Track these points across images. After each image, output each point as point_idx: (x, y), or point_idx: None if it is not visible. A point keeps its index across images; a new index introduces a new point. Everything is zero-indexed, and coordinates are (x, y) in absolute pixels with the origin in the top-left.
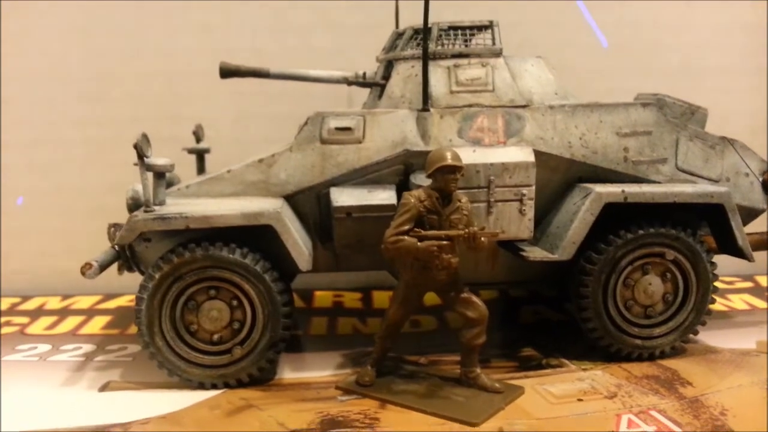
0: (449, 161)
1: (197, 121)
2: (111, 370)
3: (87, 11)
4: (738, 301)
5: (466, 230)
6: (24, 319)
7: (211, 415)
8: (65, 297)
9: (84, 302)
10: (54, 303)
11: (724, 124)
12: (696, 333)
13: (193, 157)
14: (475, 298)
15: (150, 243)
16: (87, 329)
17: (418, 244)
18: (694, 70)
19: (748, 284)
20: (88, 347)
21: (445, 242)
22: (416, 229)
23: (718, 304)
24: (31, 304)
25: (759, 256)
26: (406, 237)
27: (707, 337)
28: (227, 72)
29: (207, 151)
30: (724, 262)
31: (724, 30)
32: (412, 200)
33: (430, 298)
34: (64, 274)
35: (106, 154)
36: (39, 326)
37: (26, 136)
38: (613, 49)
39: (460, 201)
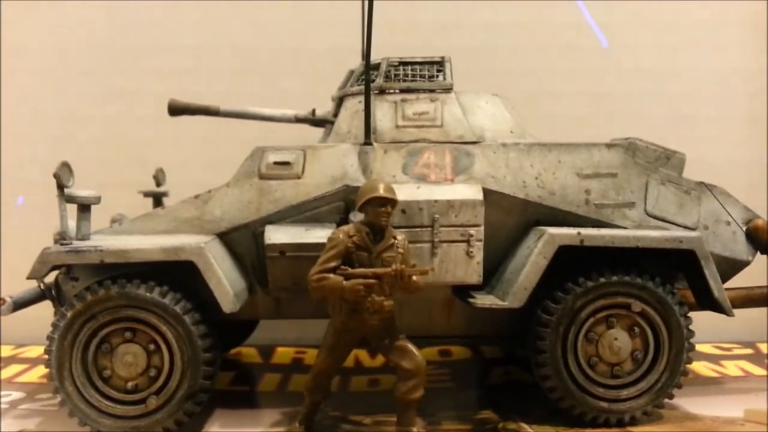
0: (380, 193)
1: (163, 166)
2: (30, 419)
3: (57, 54)
4: (732, 368)
5: (393, 267)
6: None
7: None
8: (19, 346)
9: (36, 351)
10: (6, 351)
11: (719, 175)
12: (671, 397)
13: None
14: (411, 347)
15: (77, 282)
16: (25, 377)
17: (344, 282)
18: (685, 119)
19: (748, 351)
20: (18, 395)
21: (372, 281)
22: (343, 267)
23: (710, 370)
24: None
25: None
26: (331, 275)
27: (690, 403)
28: (176, 109)
29: (165, 194)
30: (725, 326)
31: (717, 77)
32: (341, 236)
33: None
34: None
35: None
36: None
37: None
38: (600, 97)
39: (395, 238)
